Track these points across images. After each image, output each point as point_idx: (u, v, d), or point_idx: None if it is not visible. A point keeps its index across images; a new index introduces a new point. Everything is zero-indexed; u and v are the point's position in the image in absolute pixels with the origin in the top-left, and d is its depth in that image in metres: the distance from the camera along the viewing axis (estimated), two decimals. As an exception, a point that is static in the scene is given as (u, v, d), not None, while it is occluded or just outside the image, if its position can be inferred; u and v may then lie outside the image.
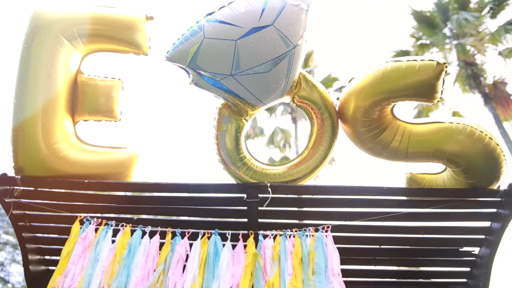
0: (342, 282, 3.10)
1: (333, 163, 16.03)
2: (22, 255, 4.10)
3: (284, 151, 17.12)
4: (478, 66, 16.57)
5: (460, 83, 17.00)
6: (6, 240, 20.71)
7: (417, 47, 17.31)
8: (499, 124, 15.72)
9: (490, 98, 16.42)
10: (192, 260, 3.26)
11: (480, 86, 16.49)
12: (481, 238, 4.03)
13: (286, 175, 3.63)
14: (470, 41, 16.44)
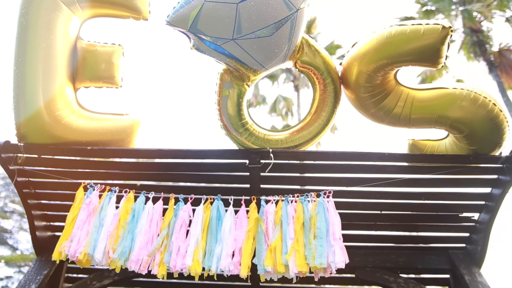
0: (343, 246, 3.14)
1: (335, 131, 16.02)
2: (29, 221, 4.18)
3: (286, 119, 17.08)
4: (484, 33, 16.31)
5: (465, 50, 16.77)
6: (13, 209, 21.01)
7: (422, 13, 17.00)
8: (503, 92, 15.60)
9: (495, 66, 16.23)
10: (195, 225, 3.30)
11: (486, 54, 16.27)
12: (481, 204, 4.06)
13: (288, 141, 3.63)
14: (476, 7, 16.13)
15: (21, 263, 18.77)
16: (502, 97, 15.45)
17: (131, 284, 4.98)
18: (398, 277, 4.17)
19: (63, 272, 4.57)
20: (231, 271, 3.07)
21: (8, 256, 20.09)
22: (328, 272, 3.09)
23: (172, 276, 4.75)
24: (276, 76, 17.75)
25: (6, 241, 21.28)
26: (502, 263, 20.31)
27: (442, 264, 4.34)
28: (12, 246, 21.42)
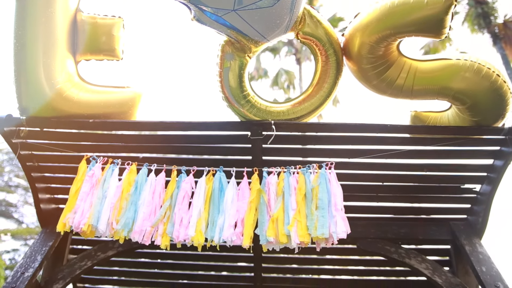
0: (345, 217, 3.16)
1: (338, 104, 15.94)
2: (33, 194, 4.21)
3: (288, 93, 16.97)
4: (488, 4, 16.02)
5: (469, 22, 16.52)
6: (17, 183, 21.20)
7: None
8: (507, 65, 15.44)
9: (499, 38, 16.01)
10: (197, 196, 3.32)
11: (490, 26, 16.03)
12: (482, 175, 4.07)
13: (290, 112, 3.62)
14: (481, -23, 15.80)
15: (27, 236, 19.04)
16: (506, 70, 15.30)
17: (135, 255, 5.07)
18: (399, 247, 4.22)
19: (68, 243, 4.64)
20: (233, 242, 3.10)
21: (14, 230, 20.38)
22: (330, 242, 3.12)
23: (175, 247, 4.85)
24: (278, 49, 17.56)
25: (11, 215, 21.56)
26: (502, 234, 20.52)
27: (443, 235, 4.38)
28: (17, 220, 21.71)
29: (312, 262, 5.28)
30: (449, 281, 4.03)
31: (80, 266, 4.19)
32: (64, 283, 4.14)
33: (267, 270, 5.19)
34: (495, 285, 3.69)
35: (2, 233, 19.32)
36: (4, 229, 19.93)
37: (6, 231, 19.52)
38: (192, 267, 5.34)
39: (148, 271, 5.40)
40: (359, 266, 5.26)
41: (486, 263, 3.92)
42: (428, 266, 4.11)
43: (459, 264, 4.47)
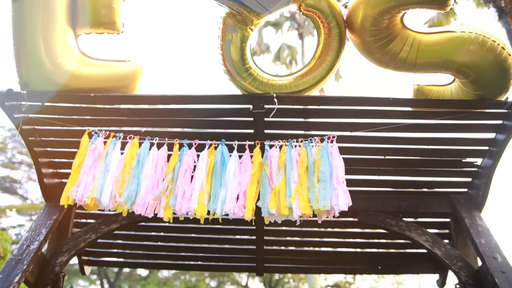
0: (346, 190, 3.18)
1: (340, 80, 15.83)
2: (36, 169, 4.24)
3: (291, 68, 16.84)
4: (495, -23, 15.70)
5: (475, -4, 16.23)
6: (21, 160, 21.33)
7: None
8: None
9: (505, 12, 15.74)
10: (199, 169, 3.33)
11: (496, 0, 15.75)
12: (484, 149, 4.07)
13: (292, 85, 3.60)
14: None
15: (32, 212, 19.28)
16: (511, 45, 15.11)
17: (138, 229, 5.13)
18: (400, 220, 4.26)
19: (72, 217, 4.70)
20: (235, 214, 3.13)
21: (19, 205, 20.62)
22: (331, 214, 3.15)
23: (178, 221, 4.91)
24: (280, 24, 17.33)
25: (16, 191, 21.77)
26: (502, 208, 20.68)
27: (444, 208, 4.42)
28: (22, 196, 21.94)
29: (313, 235, 5.35)
30: (448, 253, 4.08)
31: (85, 239, 4.25)
32: (69, 256, 4.21)
33: (269, 242, 5.27)
34: (493, 256, 3.73)
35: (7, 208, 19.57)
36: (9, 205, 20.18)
37: (11, 207, 19.77)
38: (195, 240, 5.41)
39: (151, 244, 5.48)
40: (360, 239, 5.33)
41: (485, 235, 3.97)
42: (428, 238, 4.16)
43: (459, 237, 4.52)
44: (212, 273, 22.05)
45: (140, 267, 12.65)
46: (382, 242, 5.27)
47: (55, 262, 4.16)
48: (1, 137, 21.79)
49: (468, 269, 4.02)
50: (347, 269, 6.31)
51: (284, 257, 5.60)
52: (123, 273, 23.60)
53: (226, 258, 5.59)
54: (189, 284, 22.78)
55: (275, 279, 22.13)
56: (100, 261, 5.74)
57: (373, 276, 20.58)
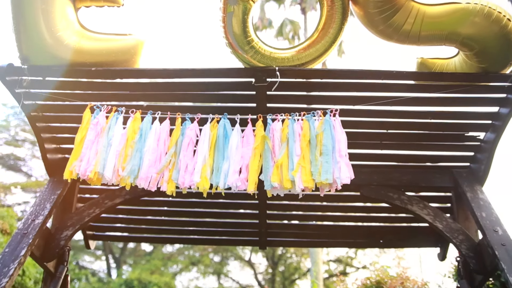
0: (349, 163, 3.18)
1: (343, 55, 15.67)
2: (39, 144, 4.25)
3: (293, 43, 16.62)
4: None
5: (481, -33, 15.89)
6: (24, 137, 21.40)
7: None
8: (518, 12, 14.98)
9: (511, -16, 15.46)
10: (202, 143, 3.34)
11: (502, -29, 15.43)
12: (487, 123, 4.06)
13: (294, 59, 3.56)
14: None
15: (37, 189, 19.43)
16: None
17: (141, 203, 5.17)
18: (402, 194, 4.28)
19: (75, 193, 4.73)
20: (238, 187, 3.14)
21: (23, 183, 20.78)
22: (334, 187, 3.16)
23: (181, 195, 4.95)
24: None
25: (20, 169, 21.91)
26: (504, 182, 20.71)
27: (446, 182, 4.43)
28: (26, 173, 22.09)
29: (316, 209, 5.38)
30: (449, 227, 4.12)
31: (89, 214, 4.29)
32: (74, 230, 4.26)
33: (271, 217, 5.31)
34: (494, 229, 3.76)
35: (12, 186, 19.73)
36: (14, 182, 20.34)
37: (16, 184, 19.93)
38: (198, 214, 5.46)
39: (155, 219, 5.53)
40: (362, 213, 5.36)
41: (486, 209, 3.99)
42: (430, 212, 4.19)
43: (460, 210, 4.55)
44: (215, 248, 22.32)
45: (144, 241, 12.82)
46: (384, 216, 5.31)
47: (60, 236, 4.22)
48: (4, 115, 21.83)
49: (469, 242, 4.06)
50: (349, 242, 6.38)
51: (286, 231, 5.66)
52: (127, 249, 23.93)
53: (229, 232, 5.65)
54: (193, 259, 23.09)
55: (278, 254, 22.41)
56: (105, 235, 5.82)
57: (374, 251, 20.81)
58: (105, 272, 23.10)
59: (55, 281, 4.15)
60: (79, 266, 22.28)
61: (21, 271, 9.54)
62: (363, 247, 15.02)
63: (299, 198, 3.40)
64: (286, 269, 22.76)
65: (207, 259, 22.82)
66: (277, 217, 5.46)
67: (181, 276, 24.06)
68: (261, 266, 24.00)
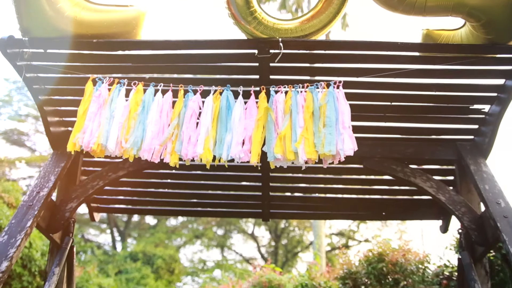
0: (352, 135, 3.17)
1: (347, 28, 15.44)
2: (42, 117, 4.25)
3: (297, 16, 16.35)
4: None
5: None
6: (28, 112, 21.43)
7: None
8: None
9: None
10: (205, 114, 3.33)
11: None
12: (493, 95, 4.03)
13: (298, 30, 3.50)
14: None
15: (41, 164, 19.57)
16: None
17: (145, 176, 5.20)
18: (405, 166, 4.28)
19: (79, 166, 4.76)
20: (241, 159, 3.14)
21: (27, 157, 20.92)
22: (337, 159, 3.16)
23: (185, 167, 4.96)
24: (286, -31, 16.71)
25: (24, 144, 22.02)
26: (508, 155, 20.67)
27: (449, 155, 4.42)
28: (30, 148, 22.21)
29: (318, 181, 5.40)
30: (452, 199, 4.13)
31: (93, 186, 4.33)
32: (78, 202, 4.30)
33: (274, 189, 5.34)
34: (497, 202, 3.77)
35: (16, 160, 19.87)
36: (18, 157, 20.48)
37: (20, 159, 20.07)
38: (202, 187, 5.50)
39: (158, 191, 5.57)
40: (365, 186, 5.38)
41: (490, 181, 3.99)
42: (433, 184, 4.20)
43: (463, 183, 4.55)
44: (219, 221, 22.57)
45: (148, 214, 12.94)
46: (387, 189, 5.34)
47: (65, 208, 4.26)
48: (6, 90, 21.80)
49: (471, 214, 4.08)
50: (352, 215, 6.42)
51: (289, 203, 5.70)
52: (132, 222, 24.24)
53: (233, 204, 5.69)
54: (197, 233, 23.40)
55: (281, 227, 22.67)
56: (109, 208, 5.87)
57: (377, 224, 21.00)
58: (110, 245, 23.48)
59: (61, 252, 4.21)
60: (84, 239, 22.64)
61: (28, 243, 9.71)
62: (365, 219, 15.15)
63: (302, 170, 3.41)
64: (289, 242, 23.06)
65: (211, 232, 23.13)
66: (280, 190, 5.49)
67: (185, 249, 24.44)
68: (264, 239, 24.33)
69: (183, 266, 20.81)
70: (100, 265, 17.53)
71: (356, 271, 5.99)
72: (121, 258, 18.14)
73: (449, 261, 5.96)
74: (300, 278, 6.86)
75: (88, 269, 13.22)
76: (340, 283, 6.17)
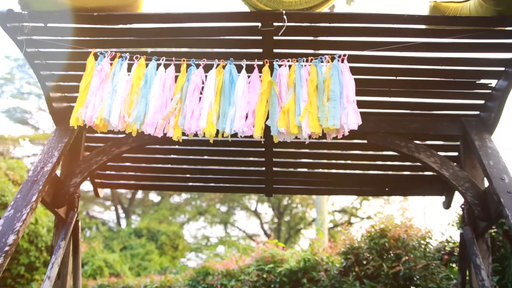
0: (356, 109, 3.14)
1: (352, 3, 15.20)
2: (44, 93, 4.23)
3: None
4: None
5: None
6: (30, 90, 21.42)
7: None
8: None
9: None
10: (208, 88, 3.29)
11: None
12: (500, 70, 3.96)
13: (302, 2, 3.42)
14: None
15: (44, 141, 19.65)
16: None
17: (148, 151, 5.21)
18: (409, 142, 4.26)
19: (82, 142, 4.76)
20: (244, 133, 3.12)
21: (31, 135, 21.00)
22: (341, 133, 3.13)
23: (188, 143, 4.96)
24: None
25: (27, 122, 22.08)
26: (511, 131, 20.55)
27: (454, 130, 4.39)
28: (34, 126, 22.28)
29: (322, 157, 5.39)
30: (456, 175, 4.12)
31: (96, 161, 4.33)
32: (82, 177, 4.32)
33: (278, 164, 5.33)
34: (501, 177, 3.76)
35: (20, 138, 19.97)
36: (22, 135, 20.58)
37: (24, 137, 20.17)
38: (205, 162, 5.50)
39: (162, 167, 5.59)
40: (369, 161, 5.37)
41: (494, 157, 3.97)
42: (437, 160, 4.18)
43: (467, 159, 4.53)
44: (222, 198, 22.74)
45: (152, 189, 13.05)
46: (390, 165, 5.32)
47: (69, 183, 4.28)
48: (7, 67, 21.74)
49: (474, 190, 4.07)
50: (355, 190, 6.43)
51: (293, 179, 5.71)
52: (136, 199, 24.47)
53: (236, 179, 5.71)
54: (200, 209, 23.63)
55: (284, 204, 22.85)
56: (113, 183, 5.90)
57: (379, 202, 21.12)
58: (115, 222, 23.79)
59: (67, 226, 4.24)
60: (89, 216, 22.91)
61: (34, 220, 9.86)
62: (369, 195, 15.22)
63: (305, 145, 3.39)
64: (292, 219, 23.28)
65: (214, 209, 23.35)
66: (283, 165, 5.48)
67: (189, 226, 24.75)
68: (267, 216, 24.58)
69: (186, 242, 21.11)
70: (105, 241, 17.80)
71: (358, 247, 6.05)
72: (125, 234, 18.39)
73: (450, 237, 6.02)
74: (302, 253, 6.93)
75: (94, 244, 13.41)
76: (342, 258, 6.24)
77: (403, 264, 5.45)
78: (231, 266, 7.82)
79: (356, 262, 5.95)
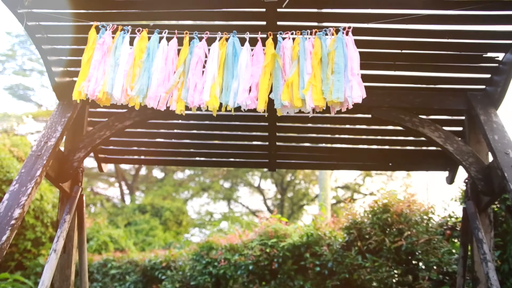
0: (361, 82, 3.10)
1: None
2: (46, 67, 4.20)
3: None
4: None
5: None
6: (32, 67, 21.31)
7: None
8: None
9: None
10: (211, 61, 3.25)
11: None
12: (508, 43, 3.90)
13: (306, -27, 3.37)
14: None
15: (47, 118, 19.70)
16: None
17: (152, 126, 5.20)
18: (414, 116, 4.23)
19: (85, 116, 4.75)
20: (248, 106, 3.10)
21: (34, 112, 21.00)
22: (345, 106, 3.10)
23: (191, 117, 4.94)
24: None
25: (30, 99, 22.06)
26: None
27: (459, 105, 4.36)
28: (37, 103, 22.26)
29: (326, 131, 5.37)
30: (460, 149, 4.10)
31: (99, 136, 4.32)
32: (86, 152, 4.32)
33: (281, 139, 5.33)
34: (505, 152, 3.74)
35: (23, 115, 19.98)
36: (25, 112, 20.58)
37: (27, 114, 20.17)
38: (208, 137, 5.49)
39: (165, 141, 5.59)
40: (373, 136, 5.35)
41: (499, 132, 3.95)
42: (441, 134, 4.16)
43: (472, 134, 4.51)
44: (225, 175, 22.84)
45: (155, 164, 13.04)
46: (394, 139, 5.30)
47: (73, 158, 4.29)
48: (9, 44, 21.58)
49: (478, 164, 4.06)
50: (359, 165, 6.43)
51: (296, 153, 5.71)
52: (139, 176, 24.61)
53: (239, 154, 5.72)
54: (204, 186, 23.76)
55: (287, 180, 22.94)
56: (116, 158, 5.91)
57: (382, 178, 21.17)
58: (119, 198, 23.98)
59: (71, 200, 4.27)
60: (93, 192, 23.09)
61: (39, 196, 9.95)
62: (372, 169, 15.21)
63: (309, 119, 3.36)
64: (295, 195, 23.41)
65: (217, 185, 23.47)
66: (287, 140, 5.47)
67: (192, 202, 24.94)
68: (270, 192, 24.72)
69: (190, 218, 21.30)
70: (110, 217, 17.99)
71: (361, 221, 6.07)
72: (129, 210, 18.55)
73: (453, 212, 6.03)
74: (305, 228, 6.97)
75: (98, 220, 13.56)
76: (345, 233, 6.27)
77: (405, 238, 5.48)
78: (235, 241, 7.88)
79: (358, 237, 5.98)
